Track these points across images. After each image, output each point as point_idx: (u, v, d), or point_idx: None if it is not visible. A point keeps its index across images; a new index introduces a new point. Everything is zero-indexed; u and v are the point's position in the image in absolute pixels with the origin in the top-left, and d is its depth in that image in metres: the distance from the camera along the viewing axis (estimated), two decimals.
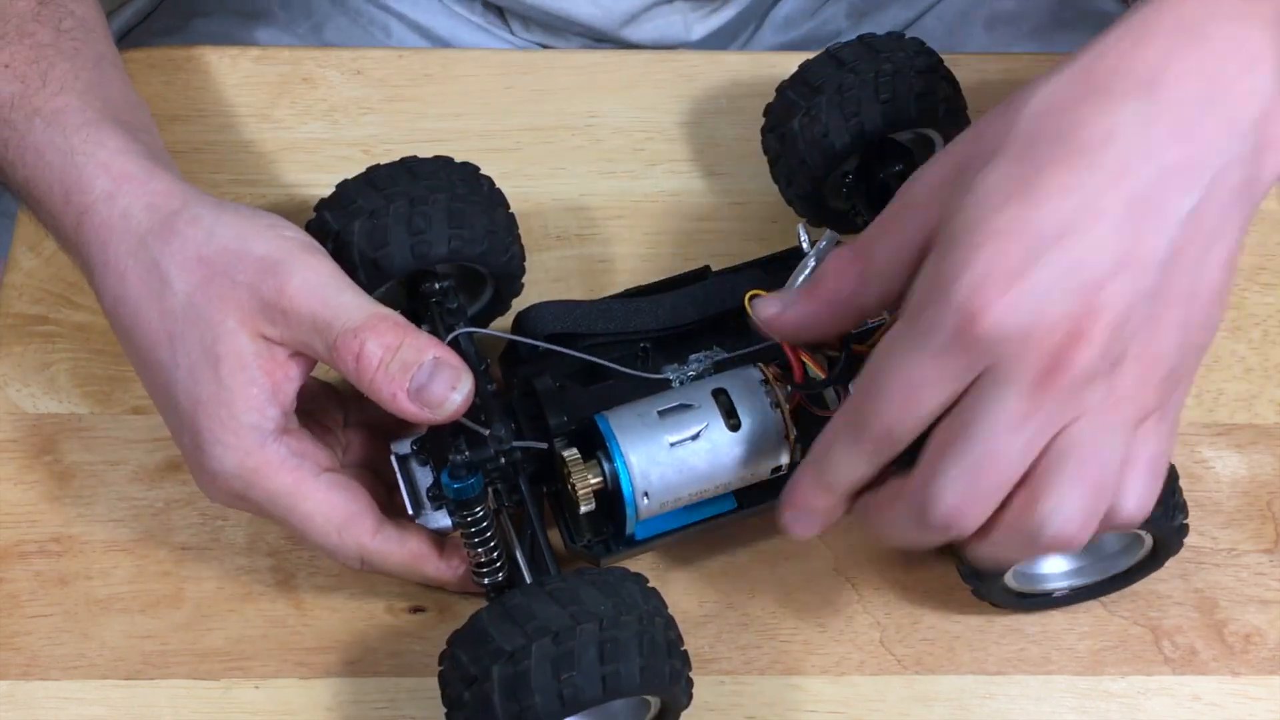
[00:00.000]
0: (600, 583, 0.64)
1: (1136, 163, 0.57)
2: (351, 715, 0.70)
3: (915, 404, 0.58)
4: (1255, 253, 0.82)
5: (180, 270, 0.66)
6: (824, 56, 0.76)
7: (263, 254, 0.66)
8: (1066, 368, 0.56)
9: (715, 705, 0.71)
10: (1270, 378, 0.79)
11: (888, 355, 0.58)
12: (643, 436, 0.67)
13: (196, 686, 0.71)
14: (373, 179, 0.72)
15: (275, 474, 0.66)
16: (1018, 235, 0.56)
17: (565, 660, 0.61)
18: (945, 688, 0.72)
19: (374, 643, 0.72)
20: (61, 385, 0.78)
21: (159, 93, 0.86)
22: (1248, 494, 0.76)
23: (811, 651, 0.72)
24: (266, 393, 0.66)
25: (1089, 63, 0.59)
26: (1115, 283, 0.56)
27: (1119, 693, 0.72)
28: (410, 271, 0.71)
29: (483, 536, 0.67)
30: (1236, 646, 0.73)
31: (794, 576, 0.74)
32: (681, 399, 0.68)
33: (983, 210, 0.56)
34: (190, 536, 0.74)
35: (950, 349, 0.56)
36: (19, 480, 0.75)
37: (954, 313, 0.56)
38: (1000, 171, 0.57)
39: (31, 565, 0.73)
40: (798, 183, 0.77)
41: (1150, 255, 0.56)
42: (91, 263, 0.69)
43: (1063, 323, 0.55)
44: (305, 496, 0.67)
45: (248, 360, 0.66)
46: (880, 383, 0.59)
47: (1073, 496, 0.58)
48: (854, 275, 0.63)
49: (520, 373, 0.71)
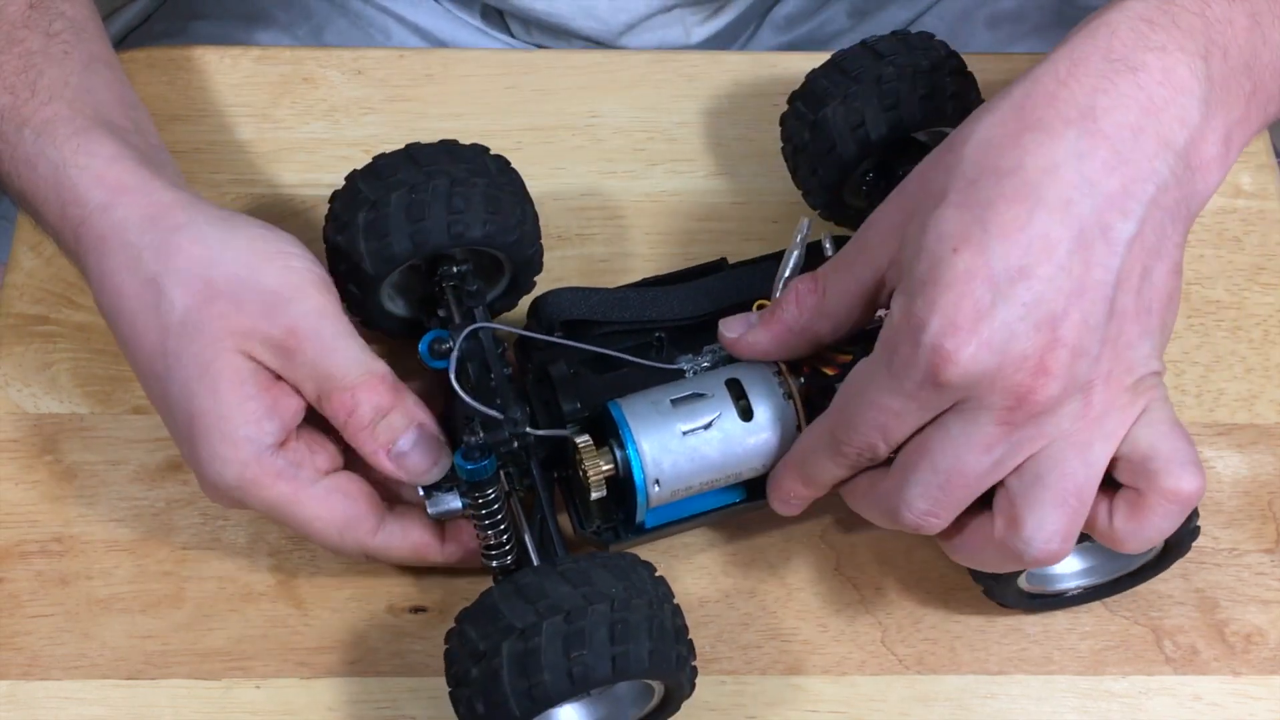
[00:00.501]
0: (612, 566, 0.64)
1: (1078, 195, 0.59)
2: (352, 715, 0.70)
3: (889, 431, 0.62)
4: (1255, 253, 0.82)
5: (180, 287, 0.67)
6: (860, 48, 0.76)
7: (274, 288, 0.67)
8: (1031, 402, 0.59)
9: (716, 705, 0.71)
10: (1270, 378, 0.79)
11: (863, 388, 0.62)
12: (655, 424, 0.68)
13: (197, 686, 0.71)
14: (413, 154, 0.73)
15: (272, 484, 0.67)
16: (977, 280, 0.58)
17: (576, 639, 0.61)
18: (947, 687, 0.72)
19: (375, 643, 0.72)
20: (62, 385, 0.77)
21: (159, 93, 0.86)
22: (1248, 494, 0.76)
23: (813, 651, 0.72)
24: (265, 408, 0.66)
25: (1022, 98, 0.61)
26: (1071, 315, 0.59)
27: (1120, 692, 0.72)
28: (439, 251, 0.71)
29: (494, 519, 0.67)
30: (1237, 646, 0.73)
31: (795, 576, 0.74)
32: (695, 388, 0.69)
33: (941, 254, 0.59)
34: (191, 536, 0.74)
35: (922, 388, 0.59)
36: (20, 480, 0.75)
37: (925, 357, 0.59)
38: (951, 215, 0.59)
39: (32, 565, 0.73)
40: (823, 172, 0.76)
41: (1100, 283, 0.59)
42: (89, 272, 0.69)
43: (1027, 361, 0.58)
44: (303, 505, 0.67)
45: (245, 377, 0.66)
46: (856, 412, 0.62)
47: (1053, 517, 0.61)
48: (810, 308, 0.67)
49: (536, 359, 0.72)
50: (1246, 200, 0.84)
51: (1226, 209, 0.83)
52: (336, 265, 0.72)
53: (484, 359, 0.70)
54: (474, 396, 0.67)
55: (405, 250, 0.70)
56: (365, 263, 0.71)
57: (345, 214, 0.72)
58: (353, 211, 0.71)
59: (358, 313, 0.73)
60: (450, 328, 0.71)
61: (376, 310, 0.74)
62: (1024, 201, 0.59)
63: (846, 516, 0.74)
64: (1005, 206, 0.59)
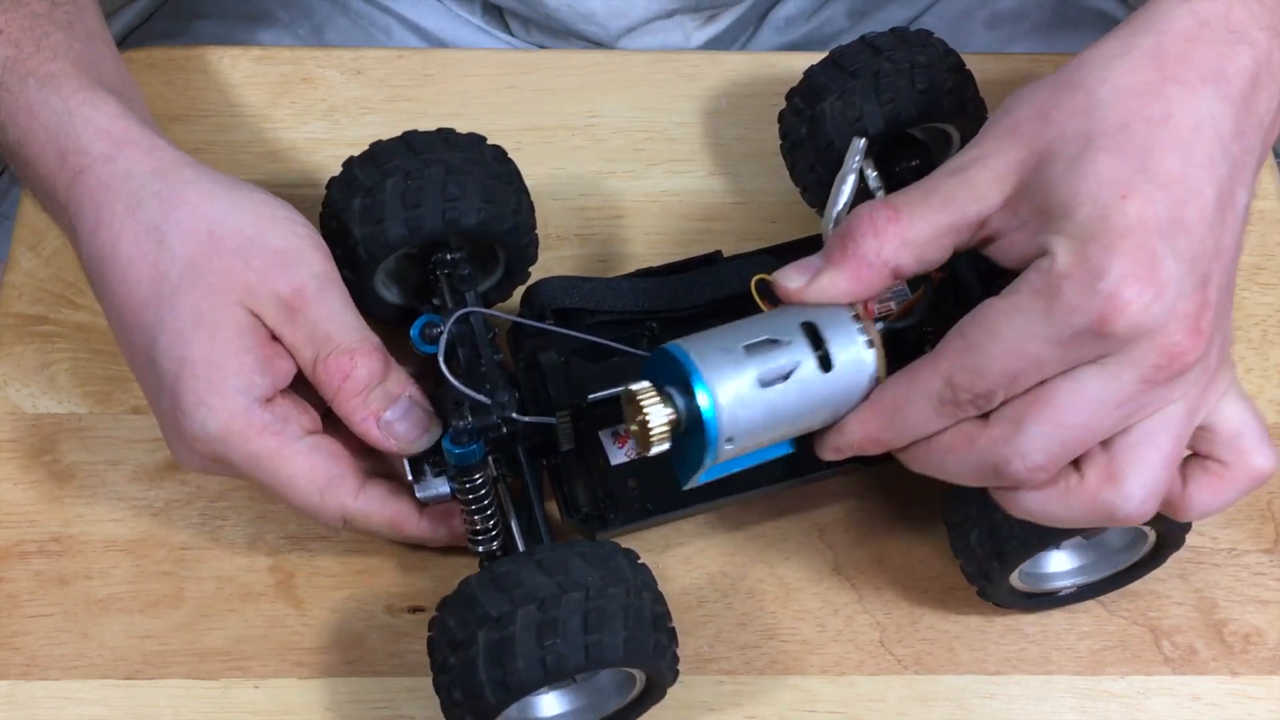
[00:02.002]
0: (590, 554, 0.64)
1: (1219, 156, 0.59)
2: (351, 715, 0.71)
3: (1019, 379, 0.59)
4: (1254, 253, 0.83)
5: (183, 237, 0.67)
6: (858, 44, 0.76)
7: (281, 248, 0.67)
8: (1181, 363, 0.58)
9: (714, 705, 0.71)
10: (1269, 377, 0.80)
11: (1000, 331, 0.59)
12: (729, 374, 0.60)
13: (196, 686, 0.71)
14: (410, 142, 0.73)
15: (257, 437, 0.67)
16: (1150, 229, 0.57)
17: (549, 627, 0.62)
18: (945, 688, 0.72)
19: (373, 643, 0.72)
20: (61, 385, 0.78)
21: (159, 93, 0.86)
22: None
23: (811, 651, 0.72)
24: (259, 362, 0.66)
25: (1154, 49, 0.60)
26: (1215, 276, 0.59)
27: (1119, 692, 0.72)
28: (434, 238, 0.72)
29: (480, 504, 0.68)
30: (1236, 646, 0.73)
31: (793, 577, 0.74)
32: (768, 332, 0.61)
33: (1109, 200, 0.58)
34: (190, 536, 0.74)
35: (1084, 335, 0.57)
36: (19, 480, 0.76)
37: (1098, 304, 0.57)
38: (1110, 160, 0.58)
39: (31, 565, 0.74)
40: (820, 169, 0.76)
41: (1230, 248, 0.60)
42: (82, 221, 0.69)
43: (1188, 319, 0.58)
44: (287, 460, 0.67)
45: (245, 330, 0.67)
46: (993, 350, 0.59)
47: (1156, 477, 0.60)
48: (893, 237, 0.61)
49: (526, 346, 0.72)
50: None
51: None
52: (332, 250, 0.72)
53: (474, 345, 0.70)
54: (463, 382, 0.67)
55: (400, 236, 0.71)
56: (360, 248, 0.71)
57: (341, 200, 0.72)
58: (349, 198, 0.72)
59: (353, 298, 0.73)
60: (443, 314, 0.71)
61: (371, 296, 0.74)
62: (1179, 152, 0.58)
63: (845, 516, 0.75)
64: (1162, 155, 0.58)
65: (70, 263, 0.80)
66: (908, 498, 0.75)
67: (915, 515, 0.75)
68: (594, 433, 0.72)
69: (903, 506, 0.75)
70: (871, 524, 0.75)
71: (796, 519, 0.75)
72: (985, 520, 0.68)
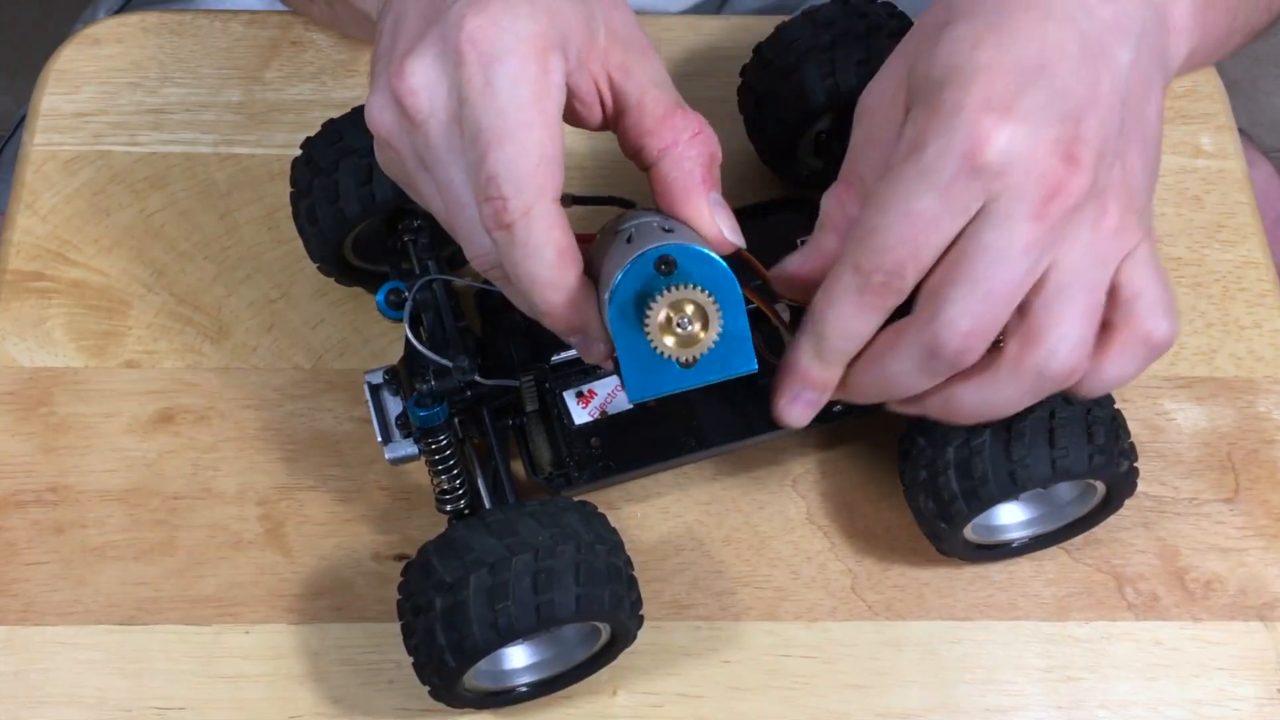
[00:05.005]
0: (540, 514, 0.65)
1: (1081, 15, 0.60)
2: (339, 659, 0.72)
3: (924, 241, 0.59)
4: (1215, 211, 0.84)
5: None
6: (800, 18, 0.77)
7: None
8: (1064, 193, 0.58)
9: (691, 650, 0.73)
10: (1229, 332, 0.81)
11: (886, 201, 0.59)
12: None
13: (188, 631, 0.72)
14: (359, 120, 0.74)
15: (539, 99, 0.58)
16: (1004, 68, 0.58)
17: (500, 591, 0.63)
18: (915, 633, 0.73)
19: (360, 589, 0.73)
20: (57, 340, 0.79)
21: (152, 56, 0.87)
22: (1208, 445, 0.78)
23: (785, 598, 0.74)
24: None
25: None
26: (1091, 116, 0.59)
27: (1083, 637, 0.74)
28: (395, 209, 0.73)
29: (446, 465, 0.69)
30: (1197, 593, 0.74)
31: (768, 526, 0.75)
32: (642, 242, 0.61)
33: (960, 52, 0.59)
34: (182, 486, 0.76)
35: (958, 179, 0.58)
36: (15, 432, 0.77)
37: (961, 140, 0.58)
38: (963, 25, 0.60)
39: (28, 514, 0.75)
40: (772, 140, 0.78)
41: (1110, 95, 0.60)
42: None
43: (1057, 149, 0.58)
44: (551, 137, 0.59)
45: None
46: (887, 223, 0.59)
47: (1077, 327, 0.60)
48: (855, 201, 0.64)
49: (490, 309, 0.74)
50: (1206, 160, 0.85)
51: (1187, 168, 0.85)
52: (299, 228, 0.75)
53: (438, 310, 0.71)
54: (428, 346, 0.68)
55: (365, 208, 0.72)
56: (321, 224, 0.73)
57: (301, 181, 0.74)
58: (309, 175, 0.73)
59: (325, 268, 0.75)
60: (409, 280, 0.72)
61: (342, 264, 0.76)
62: (1033, 10, 0.59)
63: (816, 467, 0.76)
64: (1015, 14, 0.59)
65: (66, 220, 0.82)
66: (878, 451, 0.77)
67: (885, 468, 0.76)
68: (557, 393, 0.73)
69: (873, 459, 0.77)
70: (843, 476, 0.77)
71: (770, 470, 0.76)
72: (930, 484, 0.69)
